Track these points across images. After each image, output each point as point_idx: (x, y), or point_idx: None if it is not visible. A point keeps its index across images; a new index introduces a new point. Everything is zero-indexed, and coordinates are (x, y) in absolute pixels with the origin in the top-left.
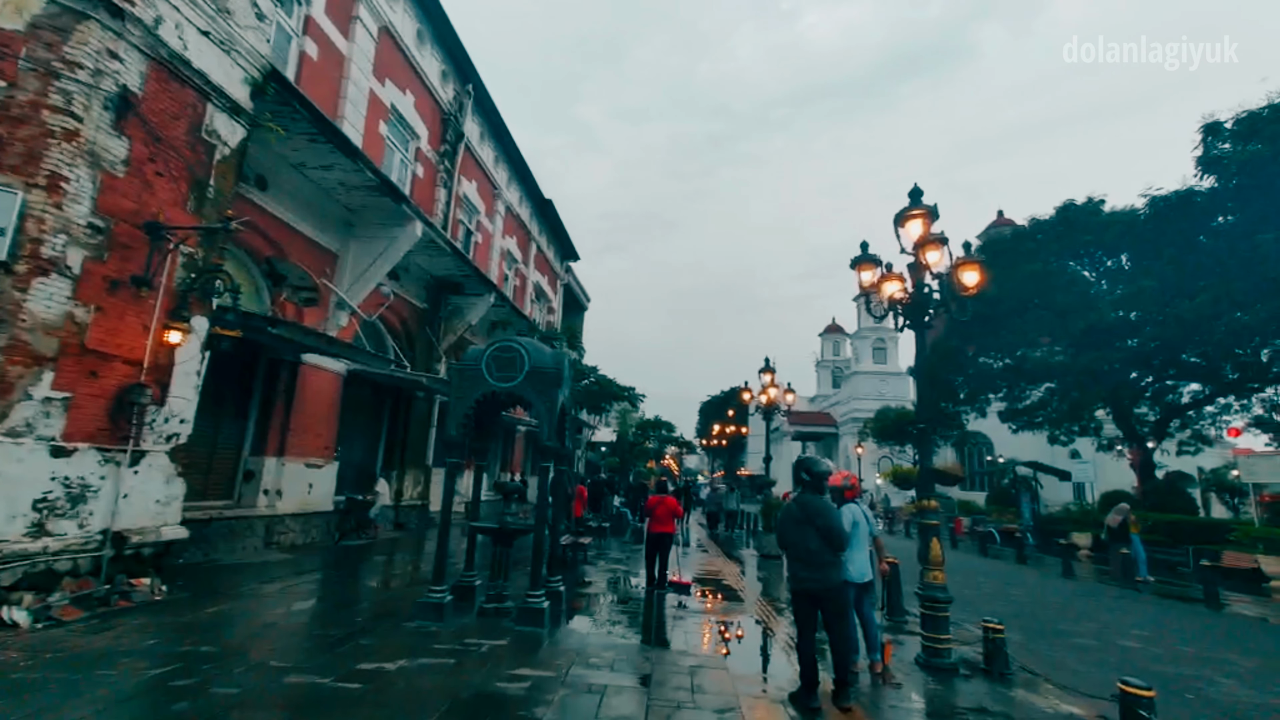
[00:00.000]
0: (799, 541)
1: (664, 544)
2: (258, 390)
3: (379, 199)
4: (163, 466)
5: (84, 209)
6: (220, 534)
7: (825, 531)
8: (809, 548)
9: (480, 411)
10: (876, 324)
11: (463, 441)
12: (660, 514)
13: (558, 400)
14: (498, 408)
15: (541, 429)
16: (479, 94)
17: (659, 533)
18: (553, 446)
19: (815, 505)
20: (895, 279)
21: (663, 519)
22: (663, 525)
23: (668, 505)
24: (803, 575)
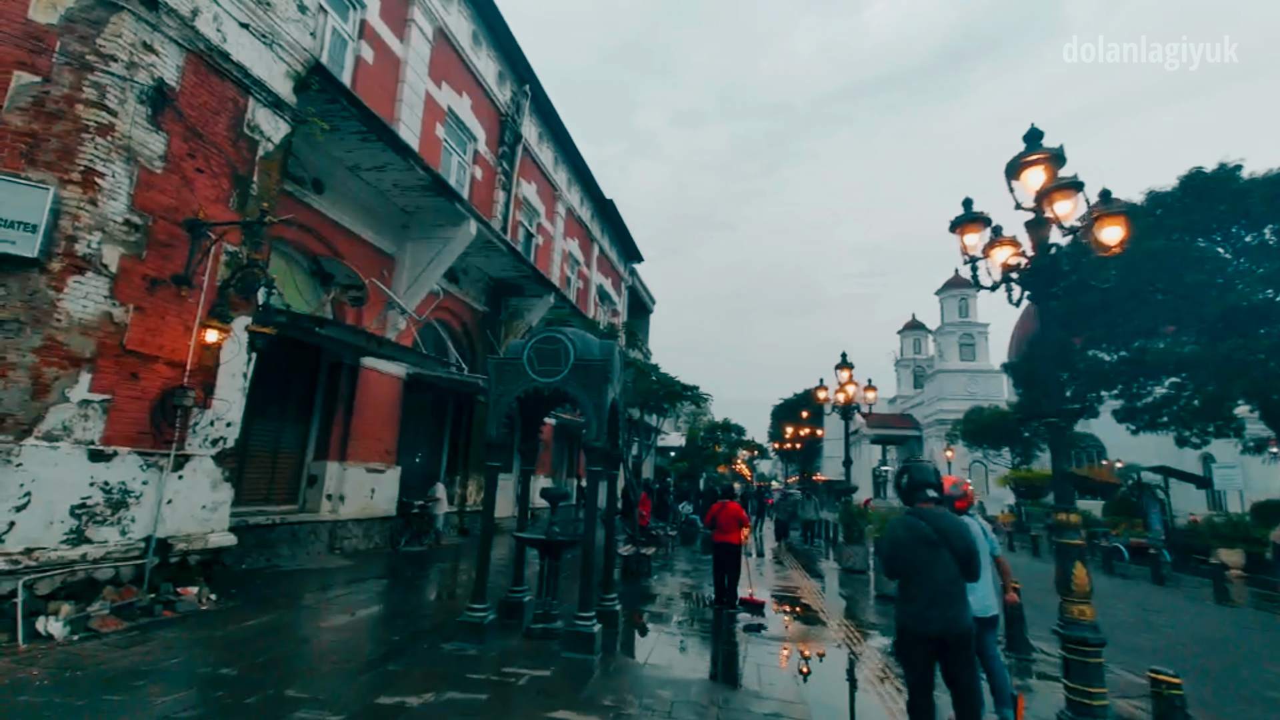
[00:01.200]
0: (926, 569)
1: (731, 556)
2: (319, 394)
3: (433, 199)
4: (208, 471)
5: (120, 205)
6: (284, 539)
7: (964, 557)
8: (938, 579)
9: (525, 411)
10: (963, 319)
11: (504, 443)
12: (724, 522)
13: (606, 397)
14: (543, 407)
15: (588, 428)
16: (536, 95)
17: (723, 543)
18: (600, 448)
19: (948, 523)
20: (1008, 244)
21: (726, 527)
22: (726, 535)
23: (730, 512)
24: (930, 615)
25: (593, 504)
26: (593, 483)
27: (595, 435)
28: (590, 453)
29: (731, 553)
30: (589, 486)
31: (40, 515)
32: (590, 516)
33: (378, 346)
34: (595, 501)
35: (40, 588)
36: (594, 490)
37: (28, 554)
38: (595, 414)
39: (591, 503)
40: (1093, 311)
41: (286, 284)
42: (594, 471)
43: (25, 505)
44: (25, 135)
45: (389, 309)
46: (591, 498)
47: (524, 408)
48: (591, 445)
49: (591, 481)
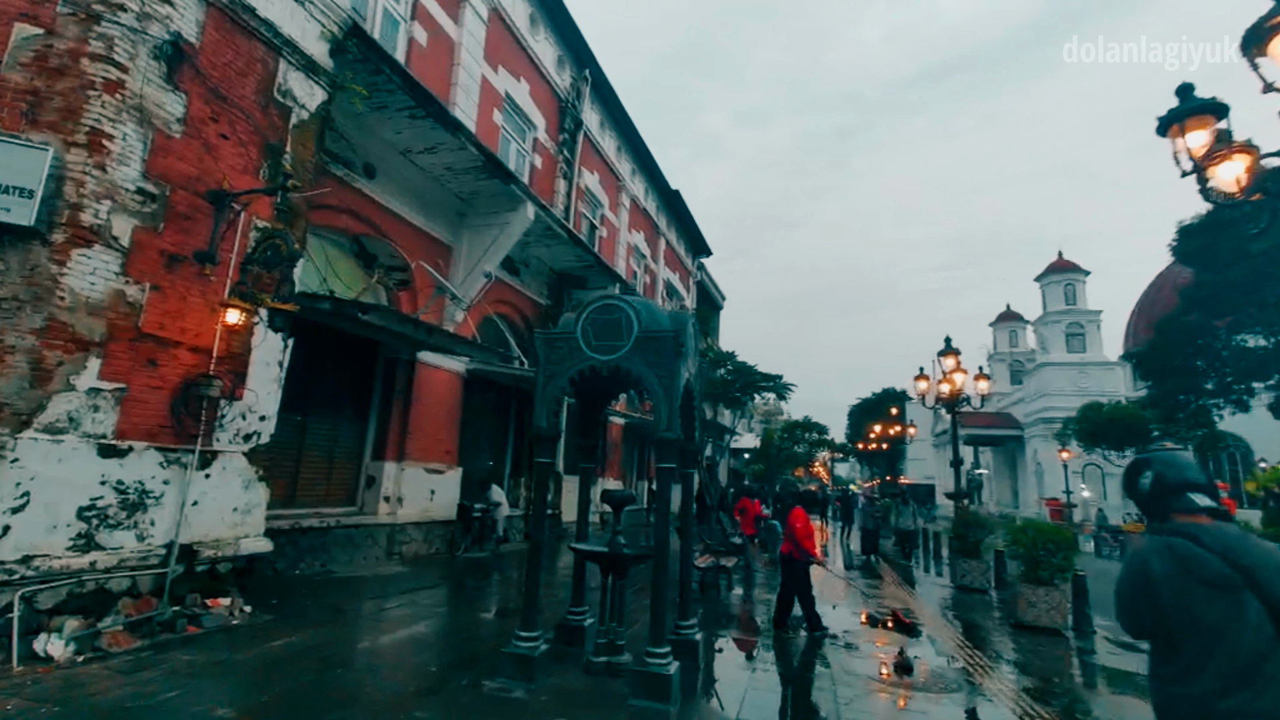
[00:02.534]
0: (1217, 629)
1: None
2: (376, 391)
3: (488, 181)
4: (239, 469)
5: (132, 171)
6: (339, 543)
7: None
8: (1242, 645)
9: (583, 398)
10: (1069, 306)
11: (555, 435)
12: (801, 531)
13: (679, 376)
14: (603, 393)
15: (657, 416)
16: (597, 80)
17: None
18: (672, 440)
19: (1257, 554)
20: (1245, 152)
21: (804, 536)
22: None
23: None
24: (1229, 708)
25: (665, 508)
26: (664, 482)
27: (666, 424)
28: (661, 446)
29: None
30: (660, 487)
31: (41, 518)
32: (662, 524)
33: (426, 335)
34: (668, 505)
35: (42, 601)
36: (666, 492)
37: (25, 562)
38: (665, 397)
39: (664, 507)
40: (1241, 288)
41: (330, 272)
42: (665, 470)
43: (23, 507)
44: (27, 93)
45: (439, 293)
46: (663, 501)
47: (581, 395)
48: (662, 437)
49: (663, 481)
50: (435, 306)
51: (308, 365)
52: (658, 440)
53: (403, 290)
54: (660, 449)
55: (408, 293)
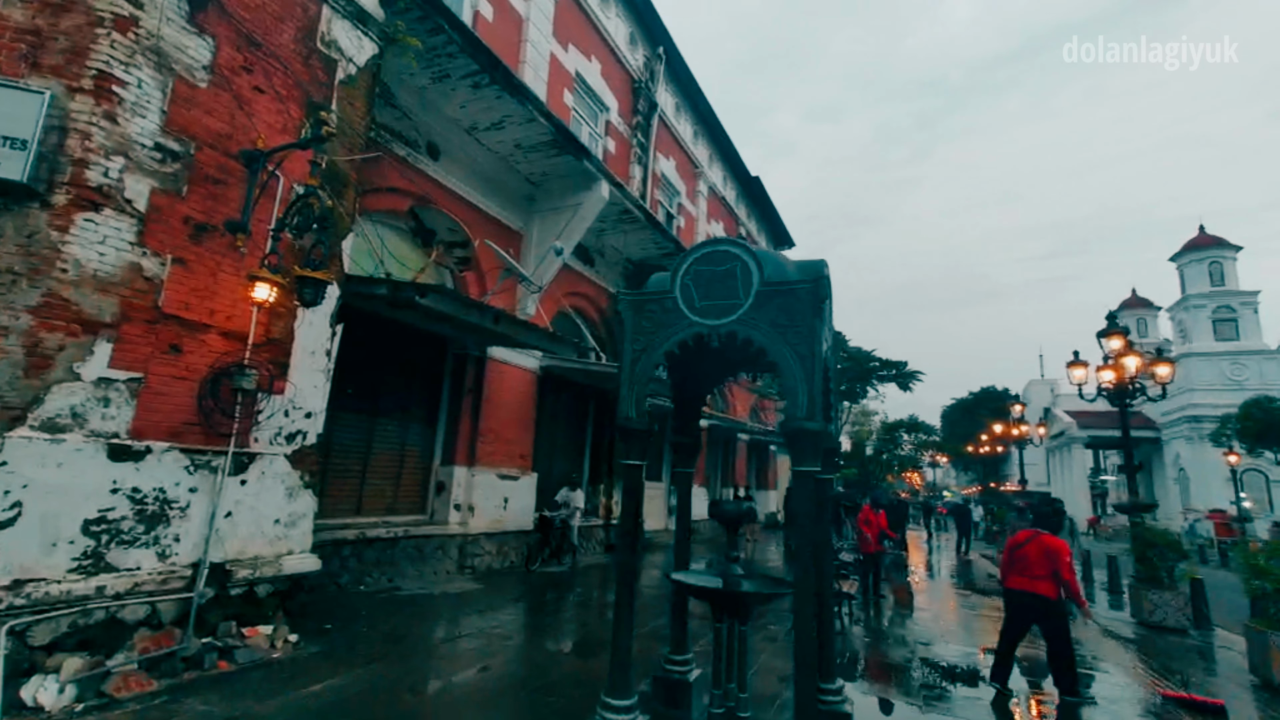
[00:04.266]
0: None
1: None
2: (445, 390)
3: (559, 158)
4: (282, 475)
5: (150, 125)
6: (408, 555)
7: None
8: None
9: (678, 380)
10: (1216, 287)
11: (646, 430)
12: (1033, 555)
13: (818, 341)
14: (710, 371)
15: (792, 400)
16: (671, 60)
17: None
18: (816, 431)
19: None
20: None
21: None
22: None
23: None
24: None
25: (814, 528)
26: (805, 493)
27: (805, 410)
28: (798, 440)
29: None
30: (797, 498)
31: (36, 534)
32: (805, 550)
33: (494, 322)
34: (813, 523)
35: (36, 635)
36: (812, 504)
37: (14, 589)
38: (803, 373)
39: (811, 526)
40: None
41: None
42: (805, 476)
43: (11, 520)
44: (27, 33)
45: (507, 275)
46: (810, 518)
47: (677, 375)
48: (801, 428)
49: (802, 492)
50: (505, 294)
51: (373, 362)
52: (793, 432)
53: (466, 271)
54: (795, 445)
55: (473, 274)
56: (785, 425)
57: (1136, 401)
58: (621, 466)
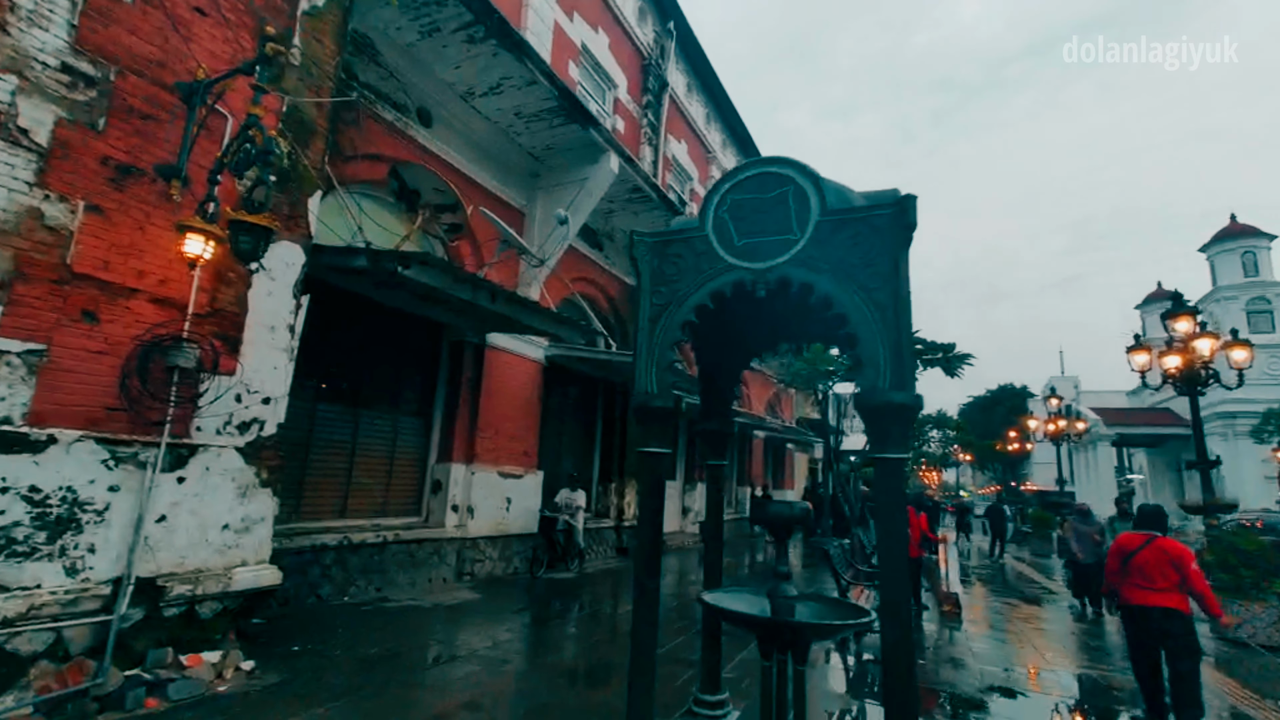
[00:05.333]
0: None
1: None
2: (441, 380)
3: (563, 128)
4: (233, 471)
5: (53, 40)
6: (399, 562)
7: None
8: None
9: (706, 348)
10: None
11: (670, 409)
12: (1152, 562)
13: (898, 284)
14: (754, 334)
15: (873, 362)
16: (683, 36)
17: (1145, 605)
18: (903, 403)
19: None
20: None
21: (1154, 572)
22: (1148, 592)
23: (1161, 551)
24: None
25: (898, 535)
26: (889, 485)
27: (892, 377)
28: (881, 418)
29: (1172, 624)
30: (880, 491)
31: None
32: (896, 562)
33: (490, 300)
34: (899, 530)
35: None
36: (893, 502)
37: None
38: (883, 328)
39: (895, 533)
40: None
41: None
42: (891, 466)
43: None
44: None
45: (506, 247)
46: (893, 521)
47: (706, 343)
48: (887, 402)
49: (888, 483)
50: (506, 276)
51: (359, 349)
52: (877, 408)
53: (457, 240)
54: (879, 424)
55: (467, 247)
56: (862, 399)
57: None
58: (638, 458)
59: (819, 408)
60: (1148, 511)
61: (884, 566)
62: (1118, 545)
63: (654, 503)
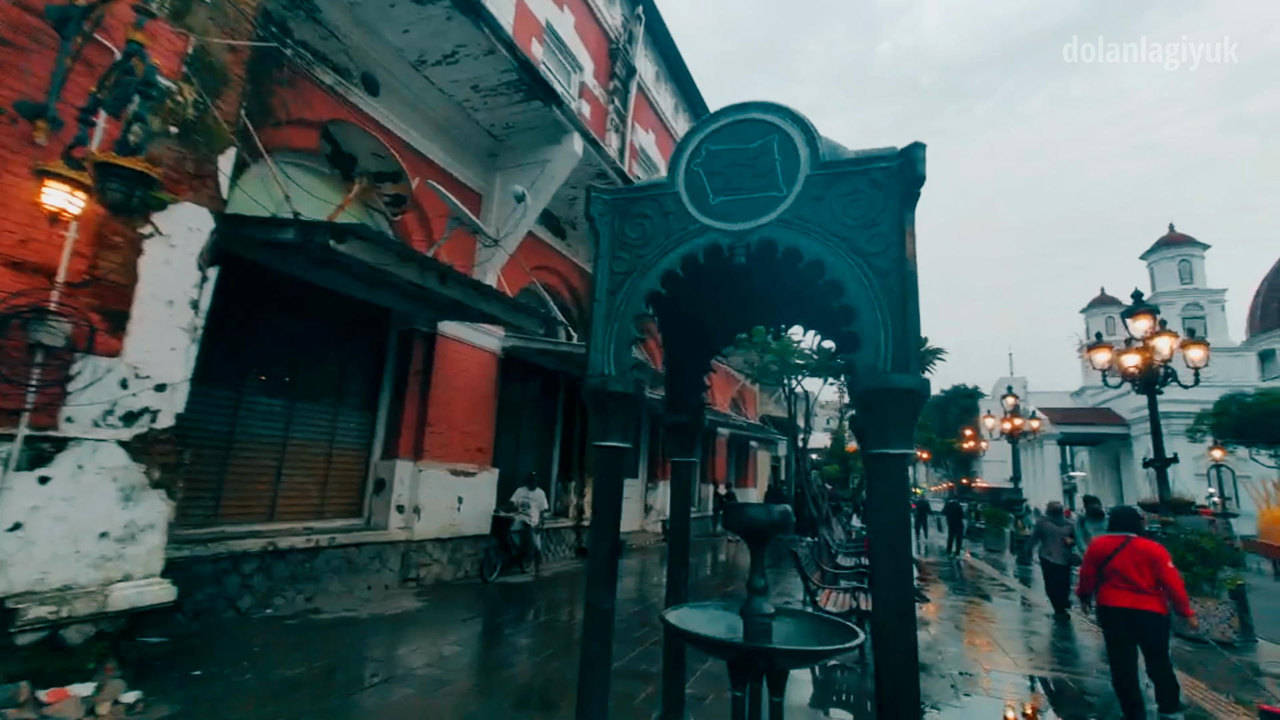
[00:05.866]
0: None
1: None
2: (388, 371)
3: (524, 105)
4: (114, 470)
5: None
6: (334, 568)
7: None
8: None
9: (677, 325)
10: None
11: (630, 399)
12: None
13: (904, 242)
14: (731, 310)
15: (871, 340)
16: (652, 22)
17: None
18: (908, 388)
19: None
20: None
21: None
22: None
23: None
24: None
25: (901, 537)
26: (889, 488)
27: (893, 358)
28: (881, 406)
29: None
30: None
31: None
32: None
33: (440, 282)
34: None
35: None
36: (895, 502)
37: None
38: (886, 300)
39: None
40: None
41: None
42: (890, 462)
43: None
44: None
45: (456, 225)
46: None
47: (674, 323)
48: (887, 386)
49: (892, 483)
50: (461, 260)
51: (294, 336)
52: (875, 394)
53: (401, 214)
54: (878, 414)
55: (415, 224)
56: (859, 385)
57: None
58: (596, 454)
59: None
60: (1122, 513)
61: (882, 583)
62: (1094, 549)
63: (611, 508)
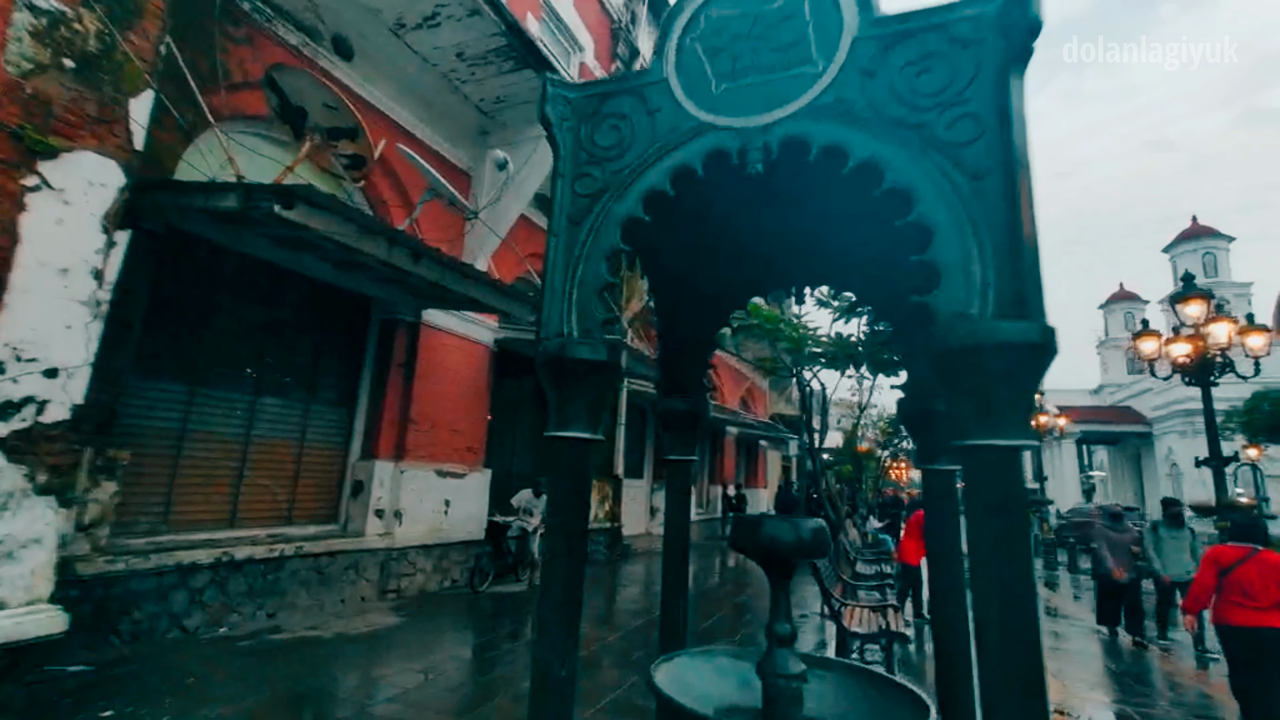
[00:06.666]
0: None
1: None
2: (368, 363)
3: (515, 74)
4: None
5: None
6: (303, 580)
7: None
8: None
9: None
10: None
11: (601, 368)
12: (1257, 578)
13: (1009, 124)
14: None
15: (960, 267)
16: (655, 1)
17: (1249, 626)
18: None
19: None
20: None
21: (1258, 588)
22: (1252, 612)
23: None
24: None
25: (1016, 606)
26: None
27: (994, 298)
28: (968, 369)
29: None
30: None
31: None
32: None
33: (412, 260)
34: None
35: None
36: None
37: None
38: (977, 207)
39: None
40: None
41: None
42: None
43: None
44: None
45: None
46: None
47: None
48: (987, 338)
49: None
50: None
51: (264, 326)
52: (965, 352)
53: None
54: (972, 381)
55: (389, 193)
56: (939, 341)
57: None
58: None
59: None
60: (1244, 522)
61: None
62: (1210, 559)
63: (571, 529)
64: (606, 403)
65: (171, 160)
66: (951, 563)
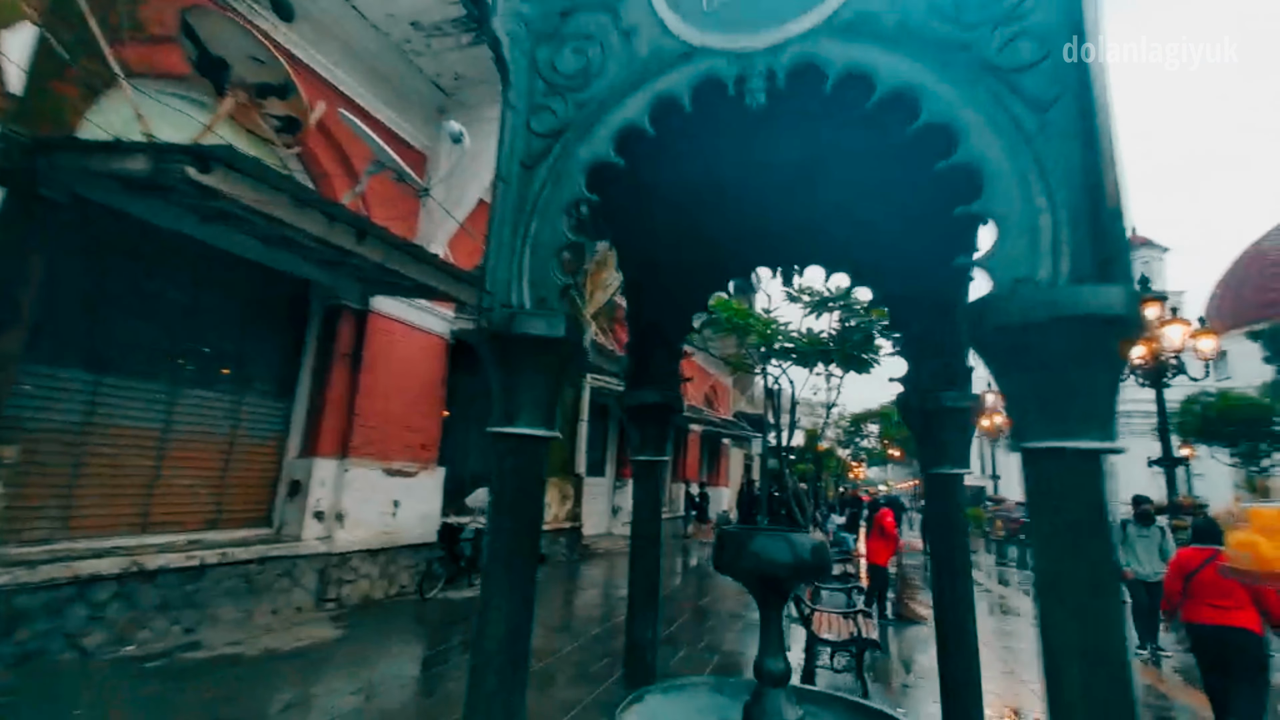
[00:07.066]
0: None
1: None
2: (308, 353)
3: (475, 49)
4: None
5: None
6: (229, 590)
7: None
8: None
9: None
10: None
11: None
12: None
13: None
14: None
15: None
16: None
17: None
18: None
19: None
20: None
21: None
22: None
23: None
24: None
25: (1105, 658)
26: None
27: (1071, 260)
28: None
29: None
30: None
31: None
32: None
33: (355, 236)
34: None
35: None
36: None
37: None
38: (1043, 146)
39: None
40: None
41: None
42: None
43: None
44: None
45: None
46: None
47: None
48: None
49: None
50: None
51: (190, 310)
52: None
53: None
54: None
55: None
56: (992, 314)
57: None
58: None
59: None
60: (1203, 526)
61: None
62: (1177, 563)
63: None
64: (559, 387)
65: (75, 118)
66: (960, 578)
